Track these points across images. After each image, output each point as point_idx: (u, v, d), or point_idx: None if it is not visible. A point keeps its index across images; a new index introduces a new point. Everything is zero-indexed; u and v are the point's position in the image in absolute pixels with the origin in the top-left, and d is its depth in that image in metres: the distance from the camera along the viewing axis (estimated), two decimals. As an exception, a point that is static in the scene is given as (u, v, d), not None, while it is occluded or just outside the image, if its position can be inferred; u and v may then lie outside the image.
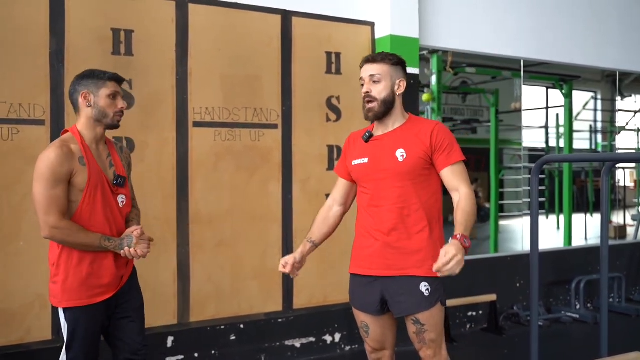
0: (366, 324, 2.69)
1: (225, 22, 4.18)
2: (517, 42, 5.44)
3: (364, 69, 2.58)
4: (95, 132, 2.56)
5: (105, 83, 2.54)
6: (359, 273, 2.66)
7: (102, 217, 2.50)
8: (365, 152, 2.61)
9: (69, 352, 2.53)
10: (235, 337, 4.20)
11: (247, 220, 4.26)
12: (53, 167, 2.40)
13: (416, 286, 2.50)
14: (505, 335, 5.10)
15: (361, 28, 4.69)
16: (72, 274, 2.49)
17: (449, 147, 2.52)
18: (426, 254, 2.51)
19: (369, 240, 2.61)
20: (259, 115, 4.30)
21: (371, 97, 2.53)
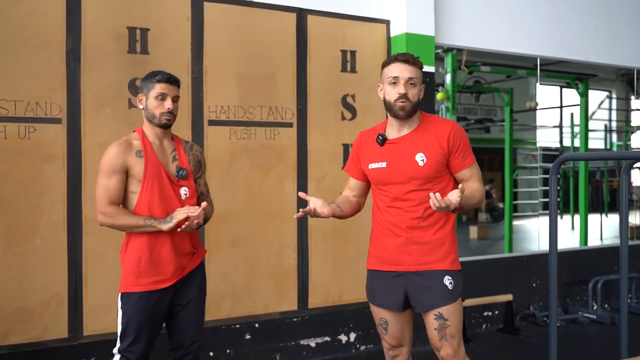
0: (385, 321, 2.70)
1: (240, 21, 4.17)
2: (533, 39, 5.39)
3: (399, 68, 2.54)
4: (154, 130, 2.70)
5: (154, 85, 2.66)
6: (382, 269, 2.67)
7: (160, 208, 2.62)
8: (381, 156, 2.62)
9: (123, 339, 2.63)
10: (250, 336, 4.19)
11: (262, 218, 4.25)
12: (109, 159, 2.60)
13: (440, 280, 2.55)
14: (521, 335, 5.05)
15: (376, 26, 4.67)
16: (132, 260, 2.63)
17: (464, 149, 2.59)
18: (448, 248, 2.59)
19: (390, 236, 2.63)
20: (274, 113, 4.29)
21: (407, 99, 2.52)
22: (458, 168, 2.60)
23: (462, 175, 2.61)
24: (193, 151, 2.84)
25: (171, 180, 2.67)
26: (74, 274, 3.67)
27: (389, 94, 2.56)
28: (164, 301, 2.66)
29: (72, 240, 3.67)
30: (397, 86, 2.53)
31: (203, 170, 2.89)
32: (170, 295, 2.68)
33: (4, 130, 3.50)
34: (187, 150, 2.80)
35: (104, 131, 3.73)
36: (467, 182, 2.58)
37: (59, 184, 3.63)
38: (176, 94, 2.71)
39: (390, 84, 2.56)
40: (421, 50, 4.62)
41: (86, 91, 3.70)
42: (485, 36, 5.14)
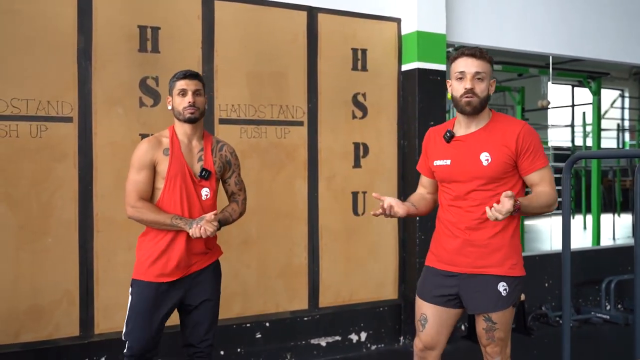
0: (425, 317, 2.67)
1: (251, 19, 4.16)
2: (544, 37, 5.35)
3: (465, 62, 2.49)
4: (183, 128, 2.76)
5: (175, 83, 2.75)
6: (438, 267, 2.66)
7: (180, 205, 2.69)
8: (447, 153, 2.60)
9: (127, 325, 2.73)
10: (261, 335, 4.18)
11: (273, 218, 4.25)
12: (139, 155, 2.71)
13: (494, 285, 2.52)
14: (533, 335, 5.01)
15: (387, 24, 4.65)
16: (147, 251, 2.72)
17: (534, 152, 2.51)
18: (506, 253, 2.54)
19: (449, 236, 2.61)
20: (285, 112, 4.28)
21: (474, 94, 2.48)
22: (527, 171, 2.52)
23: (531, 179, 2.53)
24: (222, 152, 2.87)
25: (193, 180, 2.73)
26: (85, 273, 3.68)
27: (456, 90, 2.52)
28: (170, 295, 2.73)
29: (83, 238, 3.68)
30: (464, 81, 2.49)
31: (234, 169, 2.92)
32: (179, 291, 2.74)
33: (15, 129, 3.51)
34: (215, 151, 2.83)
35: (115, 130, 3.74)
36: (537, 186, 2.52)
37: (71, 182, 3.64)
38: (197, 87, 2.74)
39: (456, 79, 2.52)
40: (432, 48, 4.60)
41: (97, 90, 3.71)
42: (496, 34, 5.10)
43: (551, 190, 2.52)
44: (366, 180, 4.56)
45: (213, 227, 2.62)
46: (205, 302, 2.81)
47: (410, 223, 4.64)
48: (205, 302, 2.81)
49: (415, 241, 4.59)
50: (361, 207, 4.55)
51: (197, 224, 2.61)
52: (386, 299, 4.67)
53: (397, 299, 4.70)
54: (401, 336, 4.71)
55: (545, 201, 2.48)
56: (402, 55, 4.69)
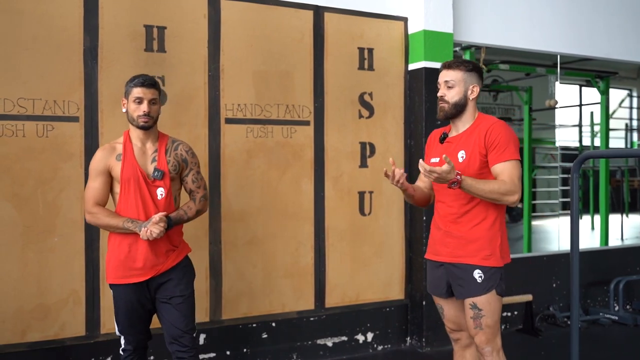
0: (441, 306, 2.98)
1: (257, 18, 4.15)
2: (552, 36, 5.31)
3: (441, 74, 2.84)
4: (137, 133, 2.85)
5: (131, 89, 2.82)
6: (429, 258, 2.96)
7: (135, 207, 2.78)
8: (438, 152, 2.88)
9: (118, 324, 2.90)
10: (267, 335, 4.17)
11: (279, 217, 4.23)
12: (94, 163, 2.84)
13: (470, 273, 2.74)
14: (541, 336, 4.98)
15: (394, 23, 4.63)
16: (113, 255, 2.83)
17: (501, 145, 2.69)
18: (481, 245, 2.75)
19: (436, 228, 2.91)
20: (291, 111, 4.27)
21: (444, 100, 2.80)
22: (493, 162, 2.70)
23: (494, 170, 2.70)
24: (177, 151, 2.93)
25: (147, 181, 2.81)
26: (91, 272, 3.68)
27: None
28: (142, 294, 2.83)
29: (89, 238, 3.68)
30: (440, 90, 2.84)
31: (191, 167, 2.97)
32: (151, 290, 2.84)
33: (22, 128, 3.52)
34: (170, 151, 2.90)
35: (121, 129, 3.64)
36: (498, 177, 2.68)
37: (77, 182, 3.64)
38: (153, 96, 2.82)
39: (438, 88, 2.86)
40: (439, 47, 4.58)
41: (103, 90, 3.70)
42: (504, 33, 5.07)
43: (508, 180, 2.64)
44: (373, 180, 4.54)
45: (159, 228, 2.71)
46: (176, 298, 2.87)
47: (417, 223, 4.62)
48: (176, 298, 2.87)
49: (422, 241, 4.56)
50: (367, 207, 4.53)
51: (145, 227, 2.71)
52: (393, 299, 4.65)
53: (404, 299, 4.68)
54: (408, 336, 4.69)
55: (495, 187, 2.62)
56: (408, 54, 4.67)
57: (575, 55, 5.60)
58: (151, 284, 2.84)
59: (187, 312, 2.90)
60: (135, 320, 2.87)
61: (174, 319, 2.86)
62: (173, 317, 2.86)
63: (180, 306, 2.88)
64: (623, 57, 5.75)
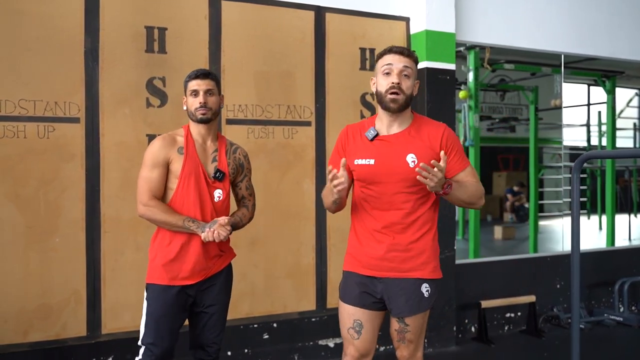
0: (360, 323, 2.56)
1: (258, 19, 4.16)
2: (556, 36, 5.28)
3: (394, 58, 2.44)
4: (198, 129, 2.70)
5: (187, 84, 2.69)
6: (363, 273, 2.55)
7: (193, 206, 2.62)
8: (370, 152, 2.50)
9: (146, 329, 2.64)
10: (268, 336, 4.17)
11: (281, 218, 4.24)
12: (153, 152, 2.63)
13: (418, 287, 2.50)
14: (544, 337, 4.96)
15: (396, 23, 4.62)
16: (160, 253, 2.64)
17: (458, 152, 2.51)
18: (429, 256, 2.53)
19: (373, 241, 2.53)
20: (292, 112, 4.27)
21: (400, 90, 2.42)
22: (455, 171, 2.50)
23: (458, 178, 2.50)
24: (236, 154, 2.80)
25: (207, 180, 2.66)
26: (92, 273, 3.70)
27: (381, 85, 2.46)
28: (185, 298, 2.66)
29: (90, 238, 3.69)
30: (390, 76, 2.43)
31: (245, 173, 2.86)
32: (193, 293, 2.68)
33: (23, 129, 3.54)
34: (229, 153, 2.77)
35: (122, 130, 3.75)
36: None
37: (78, 182, 3.66)
38: (209, 87, 2.67)
39: (383, 74, 2.46)
40: (441, 47, 4.56)
41: (104, 91, 3.72)
42: (507, 33, 5.05)
43: (479, 184, 2.52)
44: (374, 181, 4.53)
45: (226, 231, 2.57)
46: (216, 306, 2.74)
47: (419, 223, 4.60)
48: (216, 306, 2.74)
49: (424, 242, 4.55)
50: (369, 207, 4.52)
51: (209, 228, 2.55)
52: (395, 299, 4.63)
53: (406, 300, 4.67)
54: (410, 337, 4.67)
55: (473, 191, 2.48)
56: (411, 54, 4.65)
57: (578, 54, 5.56)
58: (193, 289, 2.67)
59: (222, 321, 2.79)
60: (168, 326, 2.64)
61: (208, 327, 2.74)
62: (208, 326, 2.74)
63: (217, 315, 2.75)
64: (627, 57, 5.71)
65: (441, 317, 4.61)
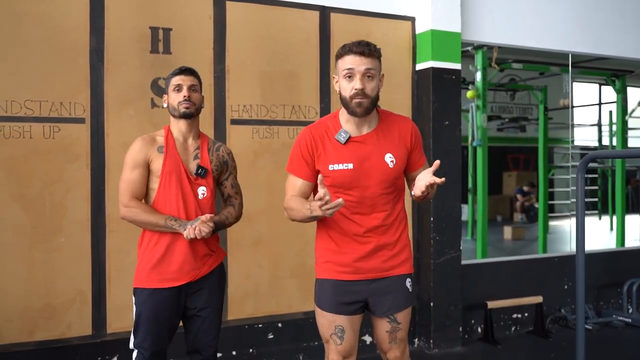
0: (342, 329, 2.50)
1: (262, 19, 4.16)
2: (564, 35, 5.24)
3: (354, 60, 2.32)
4: (179, 126, 2.68)
5: (170, 80, 2.70)
6: (342, 279, 2.48)
7: (176, 205, 2.59)
8: (345, 156, 2.40)
9: (136, 335, 2.61)
10: (273, 336, 4.18)
11: (285, 218, 4.19)
12: (132, 153, 2.62)
13: (402, 283, 2.52)
14: (551, 338, 4.92)
15: (401, 23, 4.61)
16: (147, 256, 2.61)
17: (421, 147, 2.56)
18: (408, 252, 2.57)
19: (354, 245, 2.46)
20: (297, 112, 4.27)
21: (364, 94, 2.32)
22: (416, 166, 2.53)
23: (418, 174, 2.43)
24: (219, 152, 2.77)
25: (189, 178, 2.63)
26: (97, 272, 3.72)
27: (344, 89, 2.36)
28: (175, 300, 2.62)
29: (95, 238, 3.71)
30: (353, 80, 2.33)
31: (230, 171, 2.82)
32: (184, 295, 2.64)
33: (29, 130, 3.56)
34: (212, 150, 2.75)
35: (127, 131, 3.76)
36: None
37: (83, 183, 3.68)
38: (193, 83, 2.67)
39: (345, 78, 2.35)
40: (447, 47, 4.55)
41: (109, 91, 3.74)
42: (513, 32, 5.02)
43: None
44: (380, 181, 4.52)
45: (208, 227, 2.52)
46: (208, 309, 2.70)
47: (425, 224, 4.59)
48: (208, 309, 2.70)
49: (429, 242, 4.54)
50: (375, 207, 4.51)
51: (191, 225, 2.51)
52: (400, 300, 4.62)
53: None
54: (415, 338, 4.66)
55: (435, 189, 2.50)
56: (416, 54, 4.64)
57: (586, 53, 5.52)
58: (183, 291, 2.63)
59: (216, 324, 2.74)
60: (159, 332, 2.61)
61: (202, 331, 2.69)
62: (202, 330, 2.69)
63: (210, 318, 2.70)
64: (636, 56, 5.66)
65: (447, 318, 4.59)
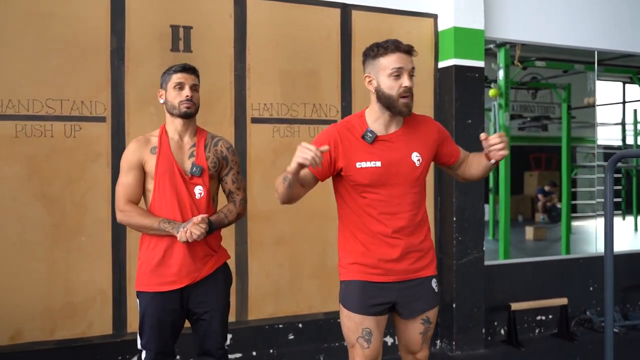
0: (369, 331, 2.44)
1: (283, 17, 4.12)
2: (590, 32, 5.14)
3: (402, 58, 2.35)
4: (175, 125, 2.63)
5: (170, 77, 2.62)
6: (372, 280, 2.44)
7: (171, 206, 2.54)
8: (373, 154, 2.38)
9: (142, 337, 2.61)
10: (293, 337, 4.14)
11: (306, 217, 4.20)
12: (126, 156, 2.60)
13: (429, 284, 2.52)
14: (577, 341, 4.83)
15: (423, 20, 4.55)
16: (145, 259, 2.58)
17: (450, 139, 2.61)
18: (433, 252, 2.57)
19: (383, 246, 2.42)
20: (318, 111, 4.23)
21: (411, 94, 2.36)
22: (454, 155, 2.59)
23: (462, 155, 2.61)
24: (217, 147, 2.68)
25: (184, 178, 2.56)
26: (118, 272, 3.71)
27: (391, 87, 2.33)
28: (177, 302, 2.58)
29: (116, 237, 3.70)
30: (401, 79, 2.33)
31: (231, 166, 2.72)
32: (186, 297, 2.59)
33: (50, 128, 3.56)
34: (210, 146, 2.66)
35: (148, 129, 3.64)
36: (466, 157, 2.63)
37: (104, 181, 3.67)
38: (194, 82, 2.63)
39: (391, 76, 2.33)
40: (470, 44, 4.48)
41: (130, 90, 3.73)
42: (538, 29, 4.92)
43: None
44: (401, 180, 4.47)
45: (201, 229, 2.45)
46: (213, 312, 2.64)
47: (447, 224, 4.53)
48: (213, 312, 2.64)
49: (452, 242, 4.47)
50: (396, 207, 4.45)
51: (184, 228, 2.45)
52: (422, 301, 4.56)
53: (434, 302, 4.59)
54: (437, 339, 4.60)
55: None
56: (438, 52, 4.58)
57: (613, 51, 5.41)
58: (185, 293, 2.58)
59: (223, 325, 2.68)
60: (163, 334, 2.59)
61: (209, 334, 2.64)
62: (209, 333, 2.64)
63: (216, 321, 2.64)
64: (664, 53, 5.53)
65: (470, 319, 4.52)
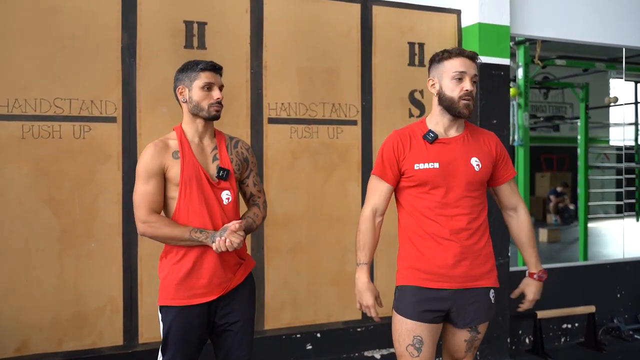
0: (420, 339, 2.41)
1: (301, 12, 3.95)
2: (618, 28, 4.94)
3: (464, 62, 2.41)
4: (196, 126, 2.44)
5: (198, 75, 2.41)
6: (427, 286, 2.41)
7: (200, 214, 2.36)
8: (431, 155, 2.42)
9: (164, 353, 2.40)
10: (311, 347, 3.97)
11: (325, 222, 4.02)
12: (145, 163, 2.37)
13: (486, 295, 2.48)
14: (605, 351, 4.64)
15: (446, 16, 4.36)
16: (171, 271, 2.38)
17: (508, 160, 2.58)
18: (492, 263, 2.51)
19: (438, 250, 2.40)
20: (337, 110, 4.05)
21: (472, 97, 2.41)
22: (502, 179, 2.56)
23: (503, 189, 2.58)
24: (237, 149, 2.53)
25: (211, 183, 2.39)
26: (129, 279, 3.54)
27: (453, 90, 2.40)
28: (205, 316, 2.41)
29: (127, 243, 3.53)
30: (463, 82, 2.40)
31: (251, 168, 2.58)
32: (213, 310, 2.43)
33: (59, 129, 3.40)
34: (230, 148, 2.51)
35: (160, 130, 3.55)
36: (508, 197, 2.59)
37: (114, 185, 3.50)
38: (221, 83, 2.46)
39: (454, 79, 2.40)
40: (495, 41, 4.29)
41: (142, 88, 3.56)
42: (564, 25, 4.73)
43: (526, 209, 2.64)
44: (423, 183, 4.29)
45: (239, 237, 2.30)
46: (240, 322, 2.48)
47: (471, 228, 4.35)
48: (240, 322, 2.48)
49: (476, 248, 4.29)
50: (418, 211, 4.28)
51: (220, 236, 2.29)
52: (444, 309, 4.39)
53: (456, 310, 4.42)
54: (461, 349, 4.42)
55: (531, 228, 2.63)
56: (462, 49, 4.40)
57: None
58: (213, 305, 2.41)
59: (249, 337, 2.52)
60: (189, 350, 2.41)
61: (235, 346, 2.46)
62: (235, 345, 2.46)
63: (243, 332, 2.48)
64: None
65: (495, 328, 4.33)
